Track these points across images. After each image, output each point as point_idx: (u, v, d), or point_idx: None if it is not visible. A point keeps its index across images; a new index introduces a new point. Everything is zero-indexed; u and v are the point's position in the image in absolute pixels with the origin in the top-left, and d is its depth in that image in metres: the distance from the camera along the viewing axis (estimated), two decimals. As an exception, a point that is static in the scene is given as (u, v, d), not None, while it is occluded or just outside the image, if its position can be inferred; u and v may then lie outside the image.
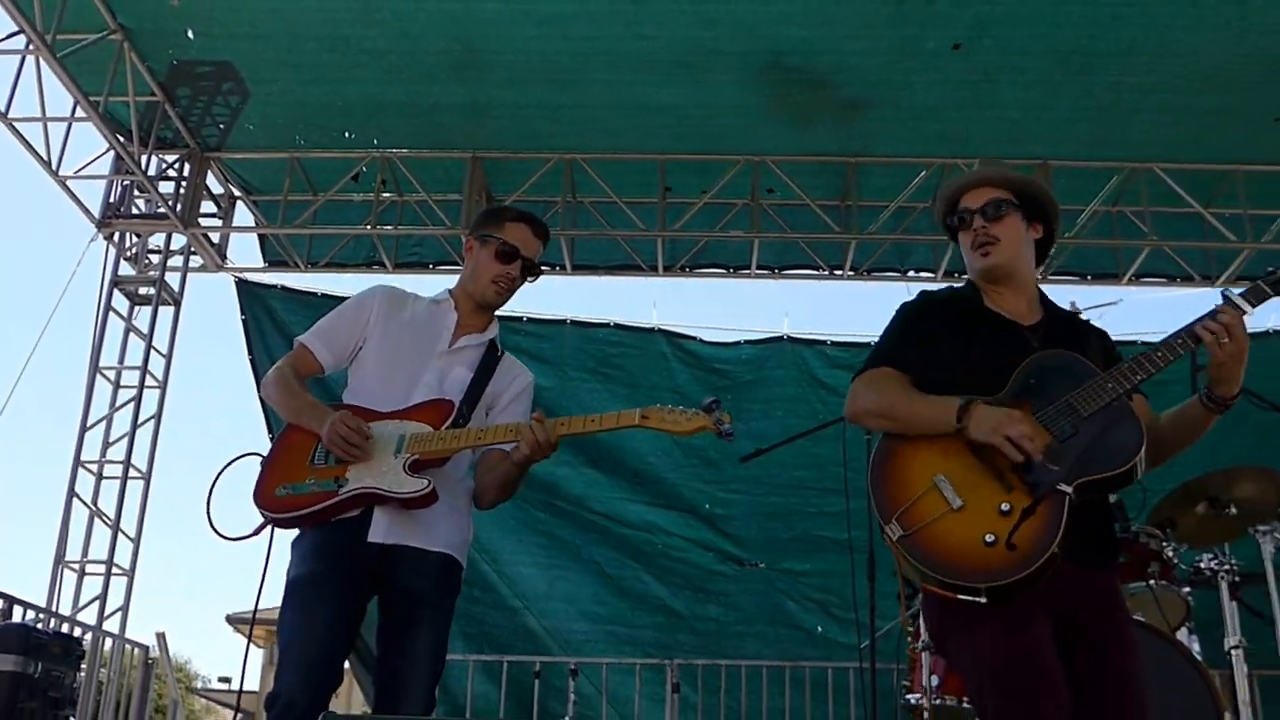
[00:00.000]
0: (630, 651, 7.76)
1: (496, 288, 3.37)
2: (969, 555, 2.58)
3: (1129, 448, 2.61)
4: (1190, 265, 8.23)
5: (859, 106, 7.26)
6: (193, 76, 7.40)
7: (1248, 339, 2.65)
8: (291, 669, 2.98)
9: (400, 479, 3.07)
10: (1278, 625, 4.62)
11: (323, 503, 3.06)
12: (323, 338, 3.37)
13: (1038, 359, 2.77)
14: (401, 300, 3.44)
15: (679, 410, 3.15)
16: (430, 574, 3.16)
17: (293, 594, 3.10)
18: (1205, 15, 6.25)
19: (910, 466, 2.74)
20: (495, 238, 3.38)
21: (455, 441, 3.14)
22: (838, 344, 8.29)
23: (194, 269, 8.46)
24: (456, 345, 3.34)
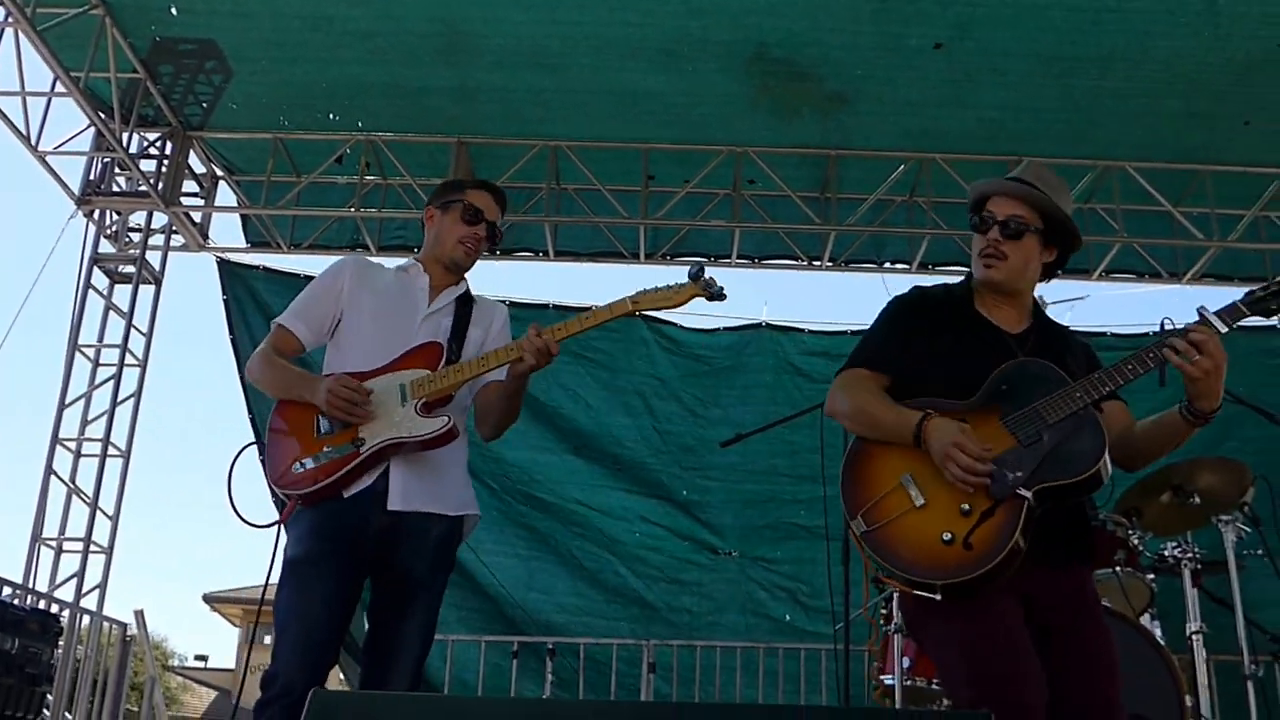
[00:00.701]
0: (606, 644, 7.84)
1: (465, 248, 3.43)
2: (927, 552, 2.66)
3: (1089, 456, 2.66)
4: (1159, 262, 8.40)
5: (841, 100, 7.36)
6: (175, 54, 7.38)
7: (1224, 356, 2.66)
8: (289, 649, 3.00)
9: (417, 422, 3.11)
10: (1237, 612, 4.79)
11: (347, 466, 3.07)
12: (300, 316, 3.39)
13: (1011, 366, 2.82)
14: (371, 270, 3.49)
15: (667, 287, 3.15)
16: (429, 554, 3.19)
17: (291, 573, 3.11)
18: (1181, 24, 6.40)
19: (879, 464, 2.81)
20: (459, 201, 3.45)
21: (458, 375, 3.18)
22: (815, 332, 8.38)
23: (175, 248, 8.44)
24: (435, 306, 3.39)
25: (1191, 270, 8.31)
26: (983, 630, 2.65)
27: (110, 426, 7.81)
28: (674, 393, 8.26)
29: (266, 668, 3.03)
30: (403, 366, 3.22)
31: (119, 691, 7.21)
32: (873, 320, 3.09)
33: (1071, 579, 2.83)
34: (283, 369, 3.27)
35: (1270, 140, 7.54)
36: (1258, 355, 8.11)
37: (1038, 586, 2.73)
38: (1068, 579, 2.81)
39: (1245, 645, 4.77)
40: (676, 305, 3.16)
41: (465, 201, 3.45)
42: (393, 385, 3.17)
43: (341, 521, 3.10)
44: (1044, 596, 2.74)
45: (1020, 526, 2.62)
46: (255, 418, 8.01)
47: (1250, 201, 7.96)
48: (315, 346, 3.39)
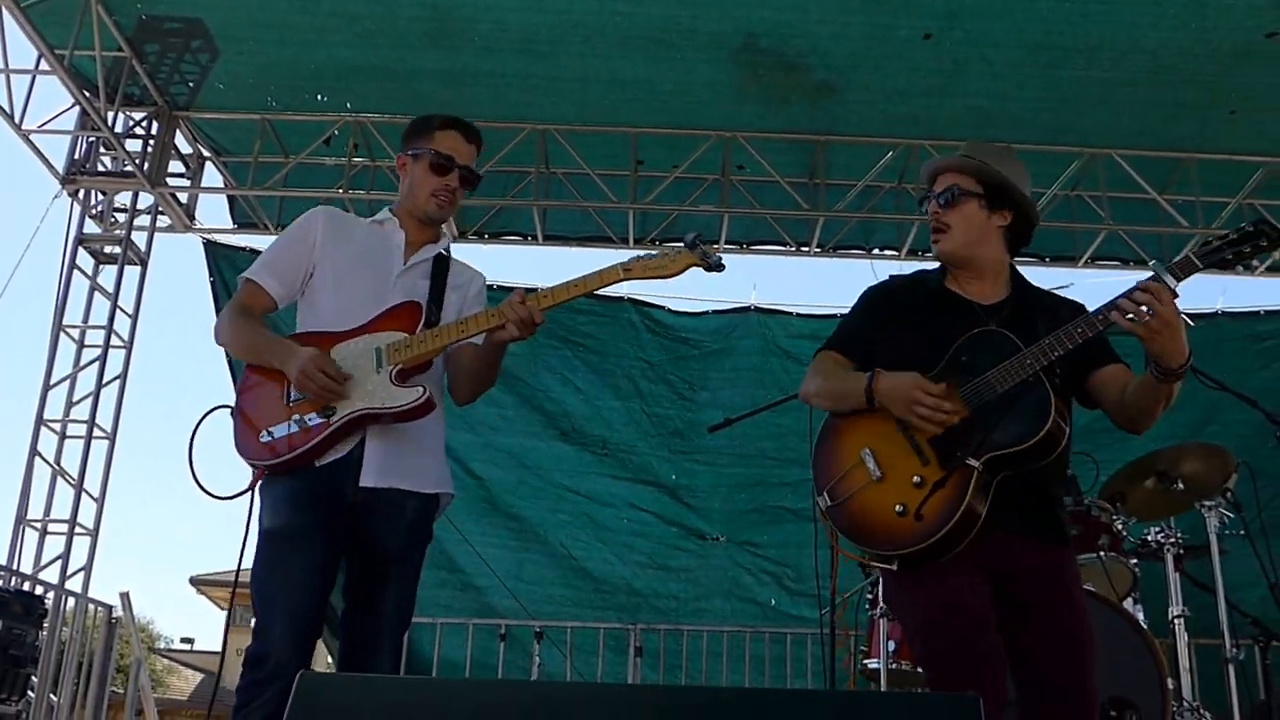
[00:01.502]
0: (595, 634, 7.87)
1: (437, 201, 3.21)
2: (883, 525, 2.74)
3: (1033, 424, 2.68)
4: (1144, 249, 8.44)
5: (830, 89, 7.37)
6: (161, 33, 7.31)
7: (1176, 312, 2.62)
8: (278, 626, 2.86)
9: (391, 392, 2.94)
10: (1218, 596, 4.85)
11: (316, 438, 2.91)
12: (269, 269, 3.18)
13: (971, 337, 2.85)
14: (345, 222, 3.32)
15: (661, 254, 2.96)
16: (403, 529, 3.06)
17: (268, 545, 2.96)
18: (1167, 14, 6.43)
19: (844, 440, 2.89)
20: (427, 150, 3.21)
21: (436, 340, 3.00)
22: (803, 315, 8.42)
23: (161, 229, 8.39)
24: (411, 263, 3.21)
25: (1177, 258, 8.32)
26: (939, 600, 2.70)
27: (95, 408, 7.77)
28: (663, 375, 8.29)
29: (249, 646, 2.89)
30: (379, 328, 3.03)
31: (104, 674, 7.20)
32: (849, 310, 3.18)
33: (1049, 557, 2.84)
34: (252, 331, 3.09)
35: (1255, 129, 7.59)
36: (1241, 340, 8.20)
37: (1008, 561, 2.76)
38: (1044, 556, 2.83)
39: (1226, 629, 4.84)
40: (671, 274, 2.97)
41: (433, 150, 3.21)
42: (368, 349, 2.99)
43: (316, 491, 2.95)
44: (1016, 572, 2.76)
45: (969, 495, 2.65)
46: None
47: (1235, 189, 8.02)
48: (287, 303, 3.20)
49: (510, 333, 2.94)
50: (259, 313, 3.14)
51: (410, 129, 3.32)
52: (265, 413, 2.97)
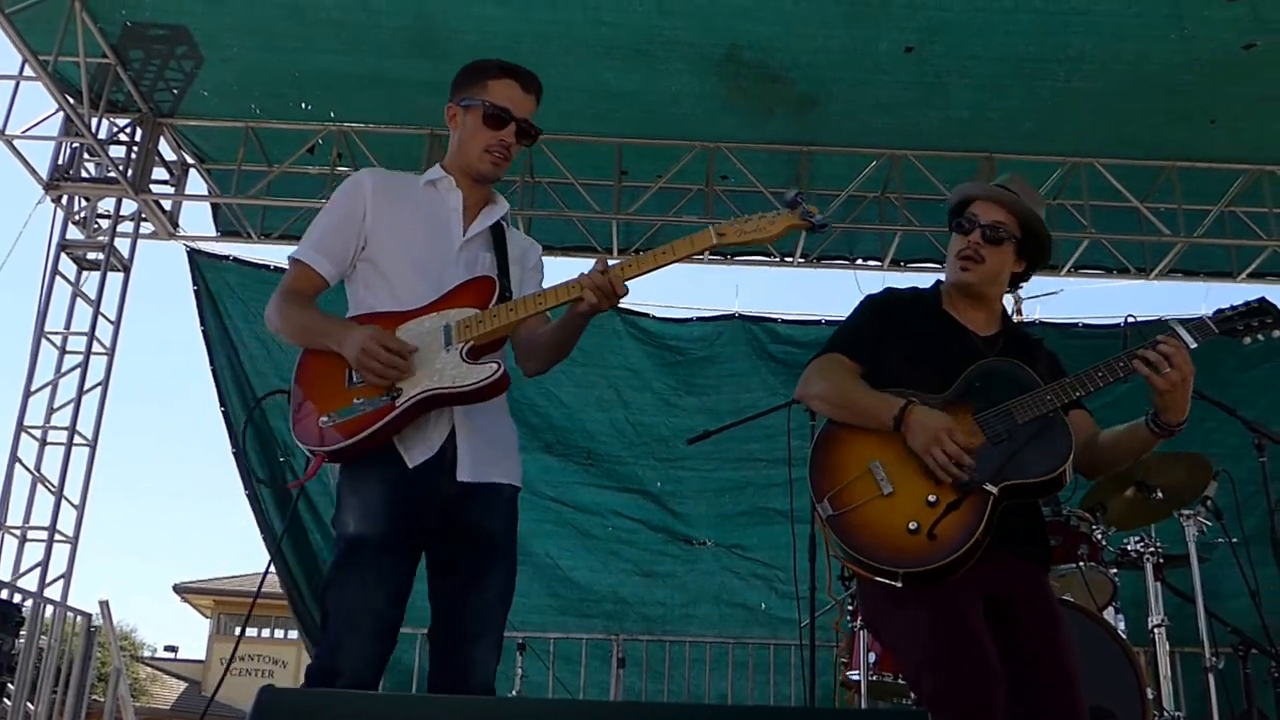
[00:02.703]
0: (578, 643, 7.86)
1: (491, 158, 2.92)
2: (891, 540, 2.70)
3: (1055, 458, 2.73)
4: (1127, 258, 8.50)
5: (813, 101, 7.41)
6: (146, 39, 7.30)
7: (1192, 370, 2.71)
8: (357, 641, 2.61)
9: (463, 370, 2.69)
10: (1198, 605, 4.87)
11: (381, 420, 2.65)
12: (317, 247, 2.91)
13: (985, 364, 2.88)
14: (393, 184, 3.00)
15: (758, 216, 2.78)
16: (504, 514, 2.88)
17: (356, 553, 2.68)
18: (1148, 26, 6.48)
19: (849, 450, 2.84)
20: (479, 101, 2.92)
21: (510, 314, 2.76)
22: (788, 322, 8.46)
23: (144, 235, 8.37)
24: (471, 233, 2.95)
25: (1159, 265, 8.41)
26: (943, 621, 2.68)
27: (76, 415, 7.75)
28: (647, 383, 8.27)
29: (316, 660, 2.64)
30: (449, 305, 2.78)
31: (82, 682, 7.16)
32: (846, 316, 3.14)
33: (1033, 579, 2.86)
34: (305, 313, 2.84)
35: (1234, 138, 7.64)
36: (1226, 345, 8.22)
37: (1001, 583, 2.77)
38: (1029, 579, 2.85)
39: (1206, 638, 4.86)
40: (770, 237, 2.79)
41: (486, 101, 2.91)
42: (436, 326, 2.74)
43: (411, 494, 2.71)
44: (1009, 595, 2.77)
45: (985, 520, 2.66)
46: (228, 410, 7.99)
47: (1216, 197, 8.07)
48: (338, 280, 2.94)
49: (589, 302, 2.70)
50: (311, 294, 2.89)
51: (461, 76, 3.02)
52: (325, 396, 2.72)
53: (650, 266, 2.75)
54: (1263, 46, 6.60)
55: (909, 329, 3.00)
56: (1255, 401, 7.88)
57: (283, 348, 7.92)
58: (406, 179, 3.04)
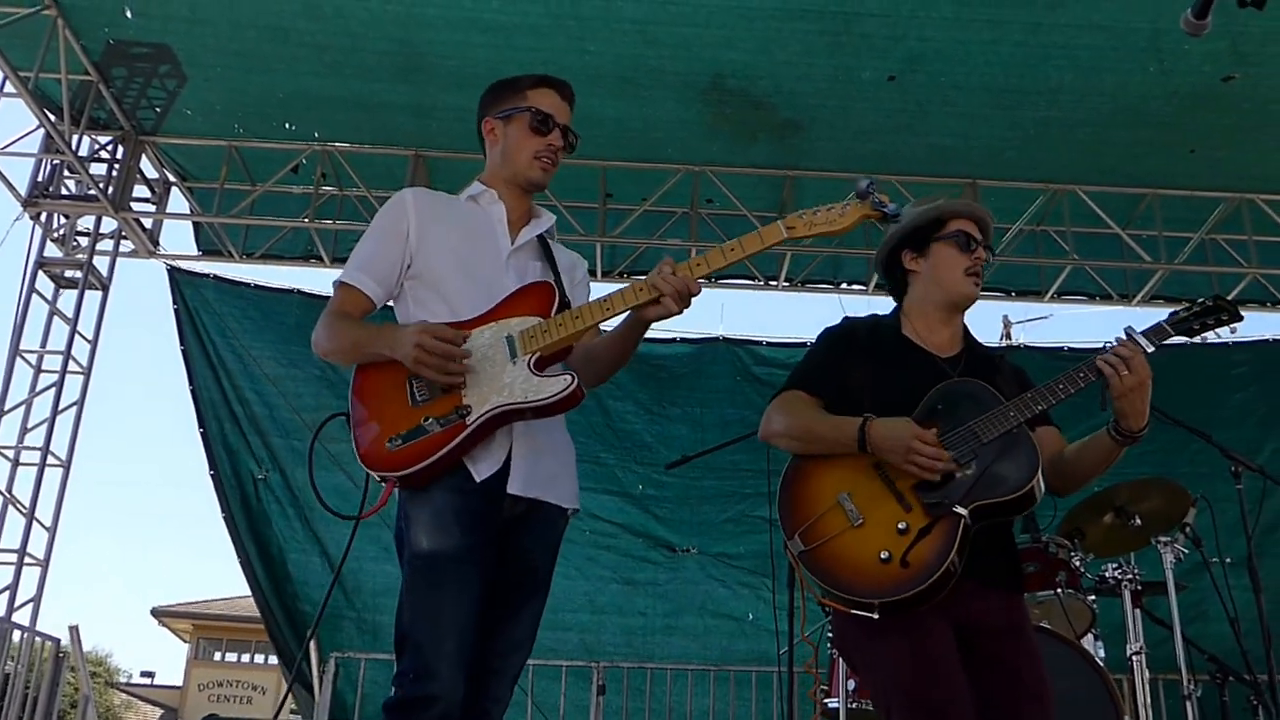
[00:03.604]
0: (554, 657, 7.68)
1: (541, 164, 2.90)
2: (864, 571, 2.67)
3: (1022, 475, 2.70)
4: (1109, 284, 8.54)
5: (797, 127, 7.45)
6: (129, 57, 7.29)
7: (1149, 373, 2.70)
8: (447, 665, 2.46)
9: (534, 383, 2.58)
10: (1176, 632, 4.85)
11: (453, 440, 2.55)
12: (364, 269, 2.82)
13: (946, 385, 2.86)
14: (436, 202, 2.94)
15: (826, 208, 2.68)
16: (553, 547, 2.82)
17: (436, 573, 2.56)
18: (1127, 59, 6.55)
19: (817, 484, 2.82)
20: (524, 109, 2.91)
21: (577, 322, 2.64)
22: (772, 344, 8.46)
23: (124, 254, 8.33)
24: (519, 242, 2.88)
25: (1141, 292, 8.45)
26: (917, 651, 2.65)
27: (50, 435, 7.66)
28: (630, 393, 8.20)
29: (405, 688, 2.48)
30: (507, 314, 2.68)
31: (50, 709, 7.05)
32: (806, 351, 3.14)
33: (1004, 604, 2.83)
34: (353, 327, 2.74)
35: (1214, 167, 7.72)
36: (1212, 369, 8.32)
37: (973, 611, 2.74)
38: (1000, 604, 2.82)
39: (1184, 665, 4.84)
40: (842, 230, 2.67)
41: (531, 108, 2.90)
42: (498, 337, 2.63)
43: (479, 509, 2.61)
44: (980, 623, 2.74)
45: (957, 544, 2.63)
46: (207, 431, 7.94)
47: (1196, 225, 8.13)
48: (386, 301, 2.86)
49: (666, 308, 2.58)
50: (358, 316, 2.80)
51: (493, 92, 3.00)
52: (389, 417, 2.60)
53: (720, 264, 2.64)
54: (1241, 79, 6.67)
55: (870, 357, 2.99)
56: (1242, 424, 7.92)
57: (261, 369, 7.90)
58: (447, 197, 3.00)
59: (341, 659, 7.49)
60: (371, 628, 7.62)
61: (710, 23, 6.42)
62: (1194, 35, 2.21)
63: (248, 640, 25.11)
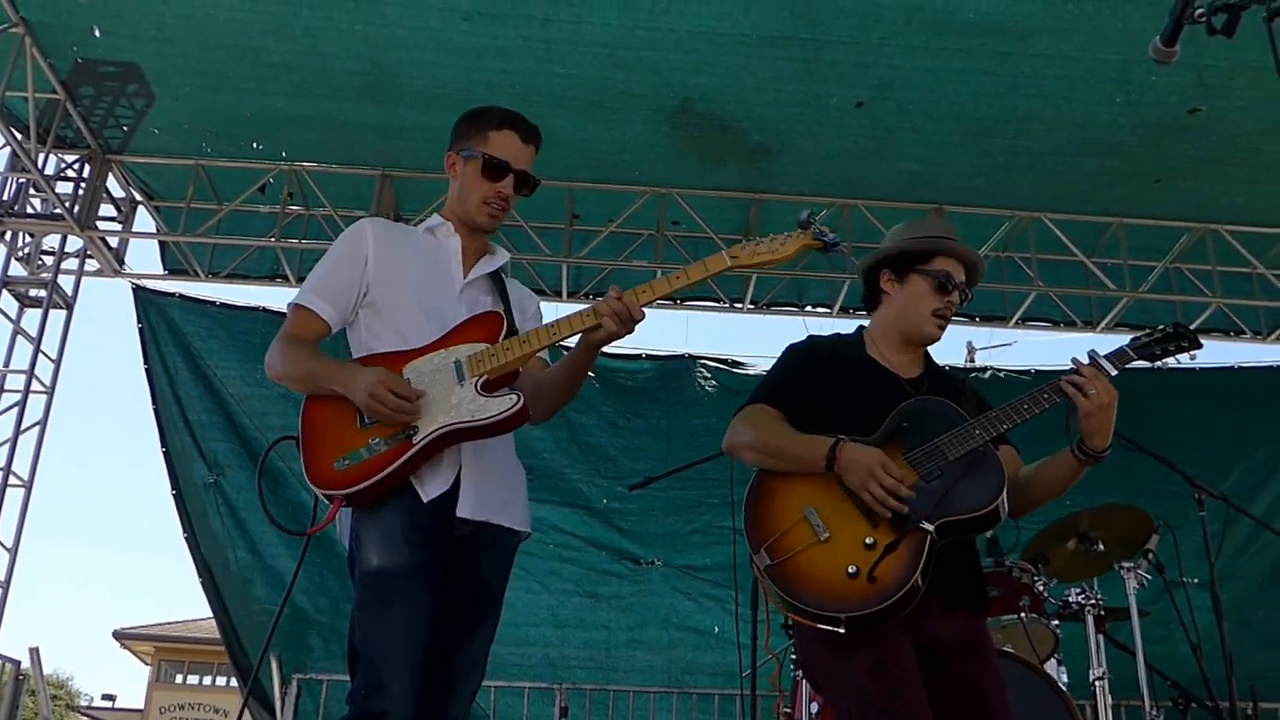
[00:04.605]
0: (517, 674, 7.67)
1: (489, 210, 2.96)
2: (831, 586, 2.68)
3: (989, 491, 2.74)
4: (1074, 311, 8.61)
5: (765, 151, 7.48)
6: (97, 76, 7.24)
7: (1114, 395, 2.76)
8: (399, 682, 2.51)
9: (480, 404, 2.65)
10: (1138, 658, 4.88)
11: (399, 458, 2.62)
12: (319, 292, 2.88)
13: (912, 403, 2.89)
14: (394, 232, 3.03)
15: (769, 238, 2.77)
16: (505, 568, 2.87)
17: (385, 589, 2.60)
18: (1095, 89, 6.62)
19: (783, 499, 2.83)
20: (478, 154, 2.94)
21: (524, 347, 2.73)
22: (738, 362, 8.49)
23: (89, 273, 8.26)
24: (473, 276, 2.96)
25: (1106, 319, 8.53)
26: (881, 664, 2.66)
27: (12, 455, 7.55)
28: (593, 406, 8.14)
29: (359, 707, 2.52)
30: (456, 340, 2.76)
31: (10, 731, 6.95)
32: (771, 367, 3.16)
33: (966, 623, 2.85)
34: (309, 357, 2.79)
35: (1179, 197, 7.81)
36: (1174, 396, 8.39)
37: (936, 629, 2.75)
38: (962, 624, 2.84)
39: (1146, 691, 4.87)
40: (784, 258, 2.76)
41: (485, 155, 2.94)
42: (445, 363, 2.72)
43: (428, 527, 2.67)
44: (936, 639, 2.76)
45: (924, 560, 2.65)
46: (170, 450, 7.85)
47: (1161, 254, 8.22)
48: (340, 326, 2.92)
49: (606, 330, 2.68)
50: (312, 340, 2.86)
51: (462, 125, 3.05)
52: (337, 439, 2.68)
53: (665, 291, 2.74)
54: (1207, 111, 6.76)
55: (834, 376, 3.01)
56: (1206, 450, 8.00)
57: (227, 389, 7.83)
58: (405, 228, 3.09)
59: (304, 680, 7.43)
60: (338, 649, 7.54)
61: (680, 47, 6.44)
62: (1162, 62, 2.23)
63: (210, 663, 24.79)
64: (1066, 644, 5.16)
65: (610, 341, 2.74)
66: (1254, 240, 8.18)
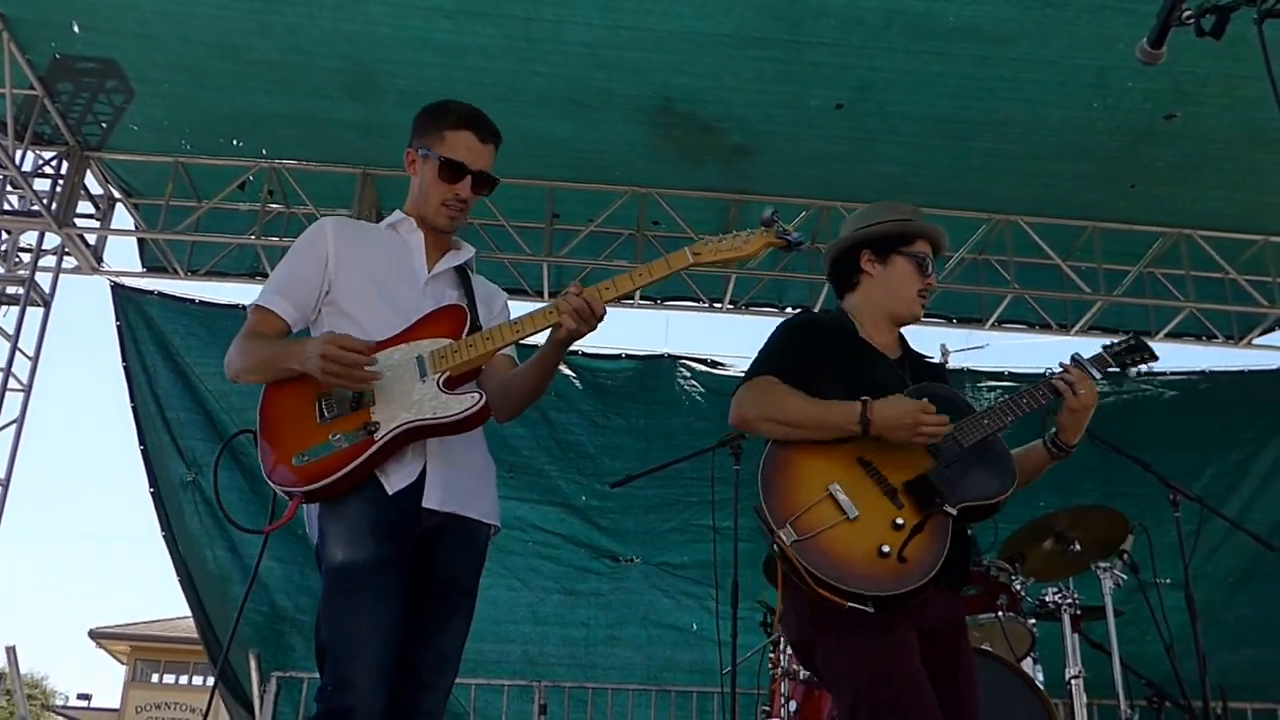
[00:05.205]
0: (496, 671, 7.68)
1: (448, 212, 2.93)
2: (863, 564, 2.67)
3: (1004, 479, 2.85)
4: (1048, 314, 8.70)
5: (745, 152, 7.52)
6: (75, 72, 7.18)
7: (1095, 396, 2.93)
8: (365, 677, 2.48)
9: (441, 401, 2.62)
10: (1114, 657, 4.94)
11: (360, 456, 2.57)
12: (281, 292, 2.84)
13: (924, 388, 2.93)
14: (355, 230, 2.99)
15: (733, 235, 2.77)
16: (475, 560, 2.82)
17: (350, 583, 2.55)
18: (1073, 94, 6.68)
19: (804, 473, 2.79)
20: (435, 155, 2.91)
21: (488, 343, 2.70)
22: (718, 362, 8.53)
23: (67, 270, 8.20)
24: (437, 270, 2.93)
25: (1080, 322, 8.62)
26: (892, 655, 2.68)
27: (-11, 453, 7.50)
28: (574, 405, 8.17)
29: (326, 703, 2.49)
30: (418, 335, 2.72)
31: (-14, 730, 6.90)
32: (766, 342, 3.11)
33: (951, 599, 2.91)
34: (263, 345, 2.74)
35: (1154, 202, 7.89)
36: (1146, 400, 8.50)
37: (928, 616, 2.78)
38: (949, 603, 2.89)
39: (1121, 690, 4.93)
40: (747, 255, 2.75)
41: (442, 157, 2.91)
42: (408, 357, 2.67)
43: (392, 520, 2.62)
44: (935, 613, 2.80)
45: (949, 543, 2.71)
46: (148, 448, 7.81)
47: (1135, 258, 8.29)
48: (301, 326, 2.87)
49: (568, 327, 2.64)
50: (272, 338, 2.81)
51: (422, 120, 3.02)
52: (296, 434, 2.62)
53: (628, 288, 2.73)
54: (1182, 118, 6.84)
55: (833, 351, 3.02)
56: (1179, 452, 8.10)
57: (206, 386, 7.80)
58: (367, 225, 3.05)
59: (284, 678, 7.42)
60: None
61: (661, 47, 6.46)
62: (1149, 64, 2.24)
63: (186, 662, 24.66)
64: (1042, 643, 5.22)
65: (574, 340, 2.71)
66: (1226, 246, 8.29)
